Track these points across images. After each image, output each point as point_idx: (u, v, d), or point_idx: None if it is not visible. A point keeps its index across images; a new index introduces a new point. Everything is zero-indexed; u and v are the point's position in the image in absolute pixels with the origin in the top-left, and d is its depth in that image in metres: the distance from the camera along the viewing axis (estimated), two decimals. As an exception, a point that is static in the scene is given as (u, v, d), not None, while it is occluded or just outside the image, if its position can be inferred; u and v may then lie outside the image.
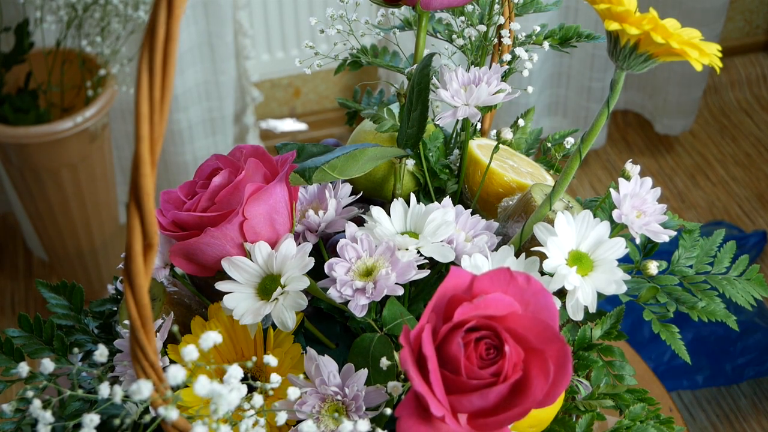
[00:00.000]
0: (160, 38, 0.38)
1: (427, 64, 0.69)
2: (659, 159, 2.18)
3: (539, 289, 0.50)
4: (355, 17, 0.77)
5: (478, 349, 0.49)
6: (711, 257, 0.74)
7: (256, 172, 0.65)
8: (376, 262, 0.63)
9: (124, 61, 1.58)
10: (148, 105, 0.39)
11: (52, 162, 1.57)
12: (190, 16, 1.69)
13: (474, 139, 0.78)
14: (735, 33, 2.36)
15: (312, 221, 0.69)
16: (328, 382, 0.59)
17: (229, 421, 0.48)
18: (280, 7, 1.93)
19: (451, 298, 0.50)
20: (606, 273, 0.63)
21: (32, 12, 1.57)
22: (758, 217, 2.03)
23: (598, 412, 0.66)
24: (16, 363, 0.68)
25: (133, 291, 0.43)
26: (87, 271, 1.79)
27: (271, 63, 2.02)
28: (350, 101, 0.86)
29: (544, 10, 0.81)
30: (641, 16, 0.53)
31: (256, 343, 0.63)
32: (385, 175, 0.76)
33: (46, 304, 0.72)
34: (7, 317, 1.82)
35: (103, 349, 0.47)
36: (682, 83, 2.08)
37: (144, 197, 0.41)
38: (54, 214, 1.67)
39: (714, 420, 1.64)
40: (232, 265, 0.63)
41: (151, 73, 0.39)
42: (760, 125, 2.27)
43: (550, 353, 0.48)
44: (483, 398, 0.48)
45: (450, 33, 0.80)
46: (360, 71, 1.92)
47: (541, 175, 0.77)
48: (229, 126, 1.88)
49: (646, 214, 0.68)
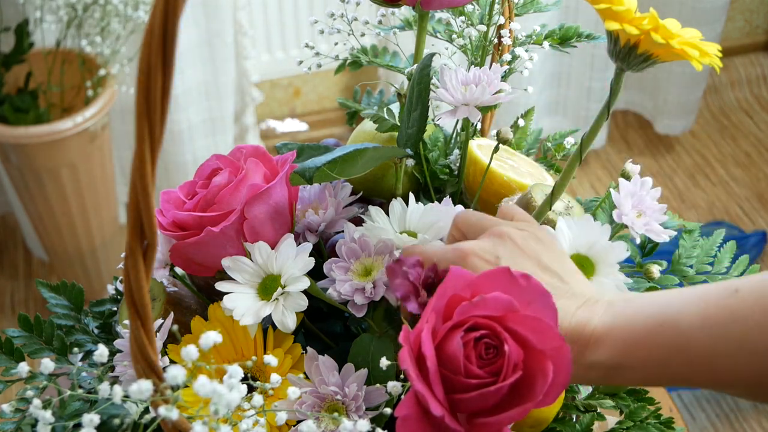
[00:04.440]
0: (160, 38, 0.38)
1: (427, 64, 0.69)
2: (659, 159, 2.18)
3: (539, 288, 0.50)
4: (355, 17, 0.77)
5: (478, 349, 0.49)
6: (711, 257, 0.74)
7: (256, 172, 0.65)
8: (375, 261, 0.63)
9: (124, 61, 1.58)
10: (148, 105, 0.39)
11: (52, 162, 1.57)
12: (190, 16, 1.69)
13: (474, 139, 0.78)
14: (735, 33, 2.36)
15: (312, 221, 0.69)
16: (327, 381, 0.59)
17: (229, 420, 0.48)
18: (280, 7, 1.93)
19: (450, 297, 0.50)
20: (608, 276, 0.63)
21: (32, 12, 1.57)
22: (758, 217, 2.03)
23: (598, 412, 0.66)
24: (16, 363, 0.68)
25: (133, 291, 0.43)
26: (87, 271, 1.79)
27: (271, 63, 2.02)
28: (350, 101, 0.86)
29: (544, 10, 0.81)
30: (641, 16, 0.53)
31: (256, 343, 0.63)
32: (384, 175, 0.76)
33: (46, 304, 0.72)
34: (7, 317, 1.82)
35: (103, 349, 0.47)
36: (682, 83, 2.08)
37: (144, 197, 0.41)
38: (54, 214, 1.67)
39: (714, 420, 1.64)
40: (232, 265, 0.63)
41: (151, 73, 0.39)
42: (760, 125, 2.27)
43: (550, 353, 0.48)
44: (482, 398, 0.48)
45: (450, 33, 0.80)
46: (360, 71, 1.92)
47: (541, 175, 0.77)
48: (229, 126, 1.88)
49: (647, 214, 0.68)
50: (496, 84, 0.69)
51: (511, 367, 0.49)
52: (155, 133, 0.40)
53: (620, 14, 0.54)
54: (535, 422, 0.63)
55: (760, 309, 0.49)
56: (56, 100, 1.62)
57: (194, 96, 1.78)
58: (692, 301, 0.51)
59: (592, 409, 0.66)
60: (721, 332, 0.49)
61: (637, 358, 0.51)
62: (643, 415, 0.67)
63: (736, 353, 0.49)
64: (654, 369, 0.51)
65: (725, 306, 0.50)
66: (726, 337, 0.49)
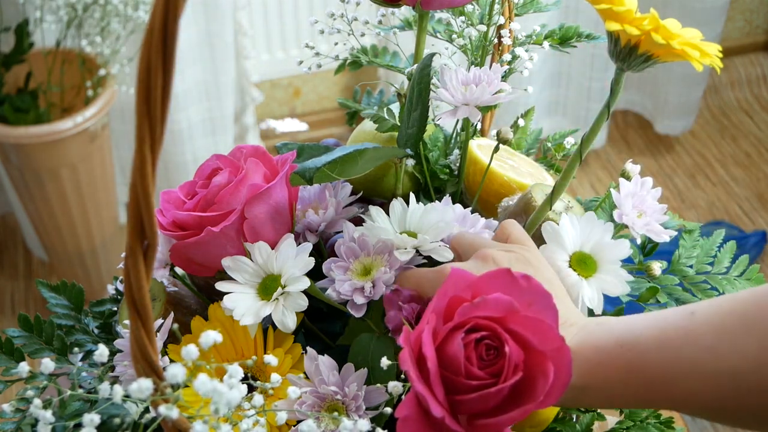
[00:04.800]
0: (160, 38, 0.38)
1: (427, 64, 0.68)
2: (659, 159, 2.18)
3: (540, 289, 0.50)
4: (355, 17, 0.77)
5: (479, 350, 0.49)
6: (711, 257, 0.74)
7: (256, 172, 0.65)
8: (374, 261, 0.63)
9: (124, 61, 1.58)
10: (149, 105, 0.39)
11: (52, 162, 1.57)
12: (190, 16, 1.69)
13: (474, 139, 0.78)
14: (735, 33, 2.36)
15: (312, 221, 0.68)
16: (327, 381, 0.59)
17: (229, 420, 0.48)
18: (280, 7, 1.93)
19: (451, 298, 0.50)
20: (610, 274, 0.63)
21: (32, 12, 1.57)
22: (758, 217, 2.03)
23: (598, 412, 0.66)
24: (16, 363, 0.68)
25: (133, 291, 0.43)
26: (87, 271, 1.79)
27: (271, 63, 2.02)
28: (350, 101, 0.86)
29: (544, 10, 0.81)
30: (642, 17, 0.53)
31: (256, 343, 0.63)
32: (385, 175, 0.76)
33: (46, 304, 0.72)
34: (7, 317, 1.82)
35: (103, 349, 0.47)
36: (682, 83, 2.08)
37: (144, 197, 0.41)
38: (54, 214, 1.66)
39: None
40: (232, 265, 0.63)
41: (152, 72, 0.39)
42: (760, 125, 2.27)
43: (550, 354, 0.48)
44: (483, 399, 0.48)
45: (450, 33, 0.80)
46: (360, 71, 1.92)
47: (541, 175, 0.77)
48: (229, 126, 1.88)
49: (647, 214, 0.68)
50: (496, 84, 0.69)
51: (512, 368, 0.49)
52: (155, 133, 0.40)
53: (621, 15, 0.54)
54: (535, 422, 0.63)
55: (713, 332, 0.49)
56: (56, 100, 1.62)
57: (194, 96, 1.78)
58: (652, 323, 0.52)
59: (592, 409, 0.66)
60: (674, 355, 0.50)
61: (600, 378, 0.52)
62: (643, 415, 0.67)
63: (688, 376, 0.49)
64: (616, 390, 0.52)
65: (681, 328, 0.50)
66: (679, 359, 0.50)
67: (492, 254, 0.58)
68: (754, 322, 0.48)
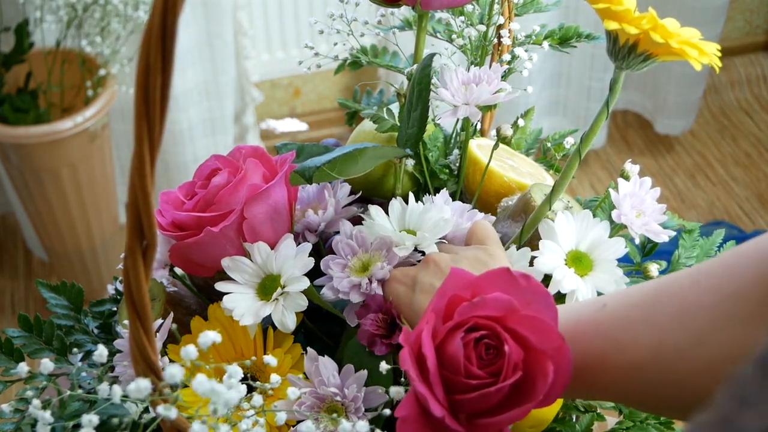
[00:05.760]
0: (159, 38, 0.38)
1: (427, 64, 0.68)
2: (659, 159, 2.18)
3: (539, 289, 0.50)
4: (354, 17, 0.77)
5: (478, 350, 0.49)
6: (711, 257, 0.74)
7: (255, 172, 0.65)
8: (372, 257, 0.63)
9: (124, 61, 1.58)
10: (148, 105, 0.39)
11: (52, 162, 1.57)
12: (190, 16, 1.69)
13: (474, 139, 0.78)
14: (735, 33, 2.36)
15: (312, 221, 0.68)
16: (327, 382, 0.59)
17: (228, 420, 0.48)
18: (280, 7, 1.93)
19: (450, 298, 0.50)
20: (606, 272, 0.63)
21: (32, 12, 1.57)
22: (758, 217, 2.03)
23: (598, 413, 0.66)
24: (16, 363, 0.68)
25: (132, 291, 0.43)
26: (87, 271, 1.79)
27: (271, 63, 2.02)
28: (350, 101, 0.86)
29: (544, 10, 0.81)
30: (640, 16, 0.53)
31: (255, 343, 0.63)
32: (384, 174, 0.76)
33: (46, 304, 0.72)
34: (7, 317, 1.82)
35: (102, 349, 0.47)
36: (682, 83, 2.08)
37: (144, 197, 0.41)
38: (54, 214, 1.66)
39: (714, 420, 1.64)
40: (232, 265, 0.63)
41: (151, 72, 0.39)
42: (760, 125, 2.26)
43: (550, 353, 0.48)
44: (483, 398, 0.48)
45: (450, 33, 0.80)
46: (360, 71, 1.92)
47: (541, 175, 0.77)
48: (229, 126, 1.88)
49: (646, 214, 0.68)
50: (496, 83, 0.69)
51: (512, 367, 0.49)
52: (154, 133, 0.40)
53: (619, 14, 0.54)
54: (535, 422, 0.63)
55: (619, 325, 0.49)
56: (56, 100, 1.62)
57: (194, 96, 1.78)
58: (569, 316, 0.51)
59: (592, 409, 0.66)
60: (584, 348, 0.49)
61: None
62: (642, 415, 0.67)
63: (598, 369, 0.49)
64: None
65: (592, 321, 0.50)
66: (589, 352, 0.49)
67: (434, 257, 0.60)
68: (654, 314, 0.48)
